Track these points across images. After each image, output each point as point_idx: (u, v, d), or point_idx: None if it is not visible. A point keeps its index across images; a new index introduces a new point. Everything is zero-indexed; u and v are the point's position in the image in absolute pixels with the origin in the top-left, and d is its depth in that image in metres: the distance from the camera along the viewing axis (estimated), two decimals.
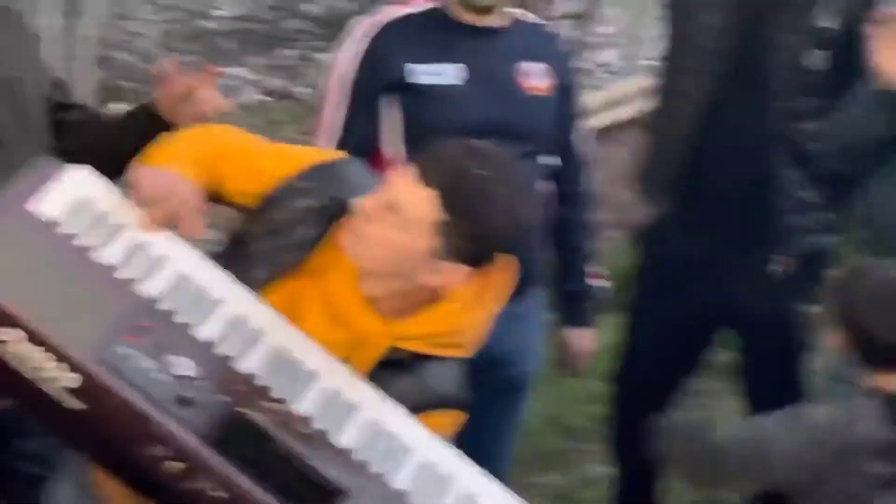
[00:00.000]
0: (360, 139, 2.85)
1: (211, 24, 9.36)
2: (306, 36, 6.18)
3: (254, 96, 7.62)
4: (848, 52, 3.01)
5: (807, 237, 3.13)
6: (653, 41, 8.20)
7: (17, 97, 2.65)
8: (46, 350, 1.86)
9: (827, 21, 3.00)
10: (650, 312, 3.27)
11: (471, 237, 2.01)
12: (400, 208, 2.00)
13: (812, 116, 3.05)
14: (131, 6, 9.55)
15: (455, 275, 2.02)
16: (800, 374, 3.23)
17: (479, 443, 2.45)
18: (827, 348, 2.81)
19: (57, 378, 1.87)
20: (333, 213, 2.12)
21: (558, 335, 3.08)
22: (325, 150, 2.47)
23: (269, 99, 7.30)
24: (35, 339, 1.85)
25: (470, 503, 2.06)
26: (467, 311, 2.10)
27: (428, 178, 2.00)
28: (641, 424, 3.27)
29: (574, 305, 3.10)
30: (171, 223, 2.08)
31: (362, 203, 2.05)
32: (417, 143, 2.66)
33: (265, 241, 2.14)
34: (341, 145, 2.80)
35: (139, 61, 8.80)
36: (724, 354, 3.52)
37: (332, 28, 5.17)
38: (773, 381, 3.24)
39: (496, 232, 2.03)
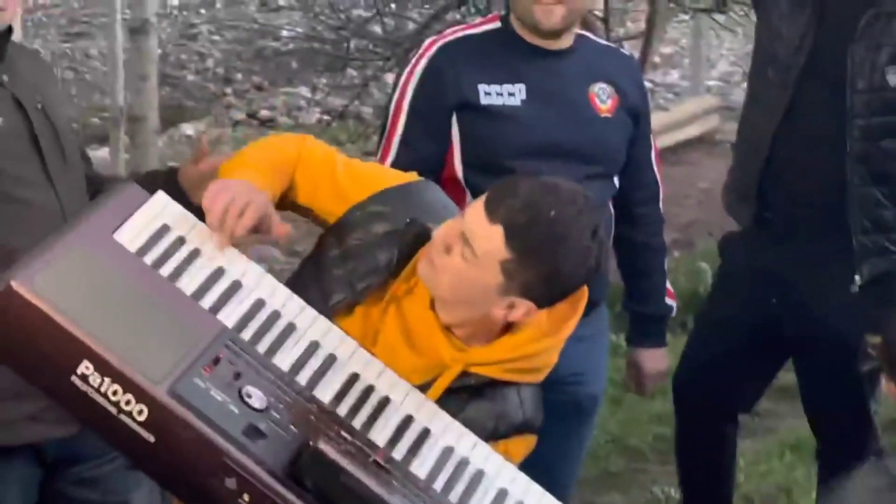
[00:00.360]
0: (425, 160, 2.80)
1: (274, 44, 9.48)
2: (370, 56, 6.19)
3: (315, 116, 7.71)
4: None
5: (882, 258, 3.10)
6: (714, 61, 8.15)
7: (55, 124, 2.64)
8: (117, 382, 1.85)
9: None
10: (720, 325, 3.24)
11: (540, 277, 1.99)
12: (471, 241, 1.98)
13: (892, 135, 3.03)
14: (196, 26, 9.70)
15: (524, 311, 2.00)
16: (863, 399, 3.15)
17: (546, 463, 2.41)
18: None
19: (128, 410, 1.87)
20: (410, 236, 2.11)
21: (628, 356, 3.07)
22: (402, 173, 2.44)
23: (329, 118, 7.29)
24: (107, 370, 1.85)
25: None
26: (541, 338, 2.08)
27: (500, 214, 1.98)
28: (706, 443, 3.31)
29: (647, 327, 3.07)
30: (248, 235, 2.07)
31: (438, 232, 2.04)
32: (482, 164, 2.68)
33: (343, 265, 2.12)
34: (407, 166, 2.71)
35: (203, 81, 8.89)
36: (786, 375, 3.43)
37: (395, 48, 5.23)
38: (835, 407, 3.18)
39: (565, 274, 2.01)
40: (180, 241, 2.01)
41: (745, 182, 3.11)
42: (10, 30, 2.51)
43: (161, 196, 2.08)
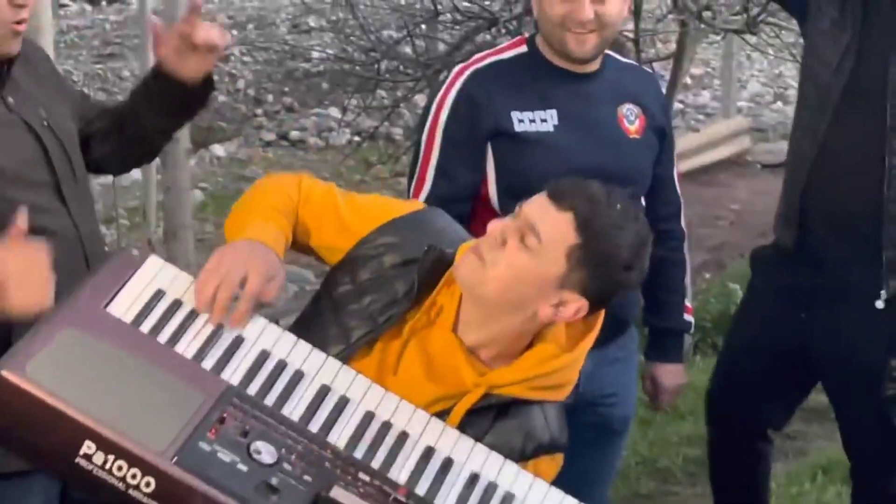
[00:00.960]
0: (463, 188, 2.84)
1: (305, 66, 9.51)
2: (400, 77, 6.17)
3: (346, 137, 7.74)
4: None
5: None
6: (745, 82, 8.15)
7: (62, 139, 2.62)
8: (121, 457, 1.84)
9: None
10: (752, 341, 3.21)
11: (600, 266, 1.98)
12: (538, 227, 1.98)
13: None
14: (227, 48, 9.73)
15: (575, 309, 1.99)
16: (891, 419, 3.12)
17: (577, 484, 2.32)
18: None
19: (135, 484, 1.85)
20: (429, 263, 2.10)
21: (646, 371, 3.07)
22: (405, 202, 2.44)
23: (360, 139, 7.31)
24: (110, 447, 1.85)
25: None
26: (560, 353, 2.07)
27: (569, 203, 1.98)
28: (739, 462, 3.30)
29: (664, 342, 3.06)
30: (250, 304, 2.03)
31: (494, 227, 2.01)
32: (517, 190, 2.56)
33: (359, 300, 2.11)
34: (445, 195, 2.79)
35: (234, 102, 8.95)
36: (818, 395, 3.41)
37: (426, 69, 5.22)
38: (865, 427, 3.12)
39: (623, 265, 2.00)
40: (177, 304, 2.01)
41: (789, 205, 3.07)
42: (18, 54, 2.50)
43: (154, 260, 2.07)
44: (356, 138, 7.50)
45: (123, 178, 4.77)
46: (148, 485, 1.79)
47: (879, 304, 2.99)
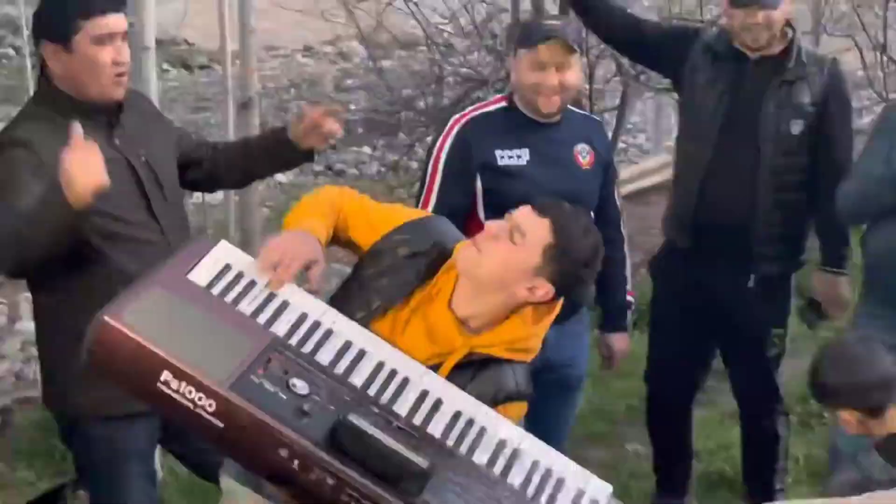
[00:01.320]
0: (452, 206, 2.81)
1: (345, 115, 9.42)
2: (416, 123, 6.19)
3: (375, 168, 7.60)
4: (819, 121, 2.96)
5: (771, 264, 3.06)
6: (671, 128, 8.10)
7: (156, 171, 2.55)
8: (191, 384, 1.81)
9: (804, 97, 2.97)
10: (666, 326, 3.22)
11: (567, 262, 1.99)
12: (523, 230, 1.98)
13: (792, 171, 2.99)
14: (287, 101, 9.63)
15: (544, 292, 1.99)
16: (771, 376, 3.14)
17: (546, 426, 2.45)
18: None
19: (201, 404, 1.83)
20: (434, 254, 2.08)
21: (600, 340, 3.07)
22: (417, 210, 2.48)
23: (385, 169, 7.23)
24: (182, 376, 1.82)
25: (543, 475, 1.97)
26: (530, 325, 2.06)
27: (548, 213, 1.99)
28: (669, 413, 3.30)
29: (614, 317, 3.07)
30: (289, 275, 2.00)
31: (491, 226, 2.03)
32: (499, 209, 2.54)
33: (379, 281, 2.08)
34: (440, 209, 2.78)
35: None
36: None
37: (435, 118, 5.15)
38: (750, 383, 3.16)
39: (583, 263, 2.02)
40: (240, 275, 1.98)
41: (682, 214, 3.07)
42: (120, 105, 2.42)
43: (224, 243, 2.06)
44: (382, 169, 7.40)
45: (211, 198, 4.74)
46: (210, 406, 1.78)
47: (751, 284, 3.00)
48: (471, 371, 2.04)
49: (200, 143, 2.82)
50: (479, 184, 2.79)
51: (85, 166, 1.92)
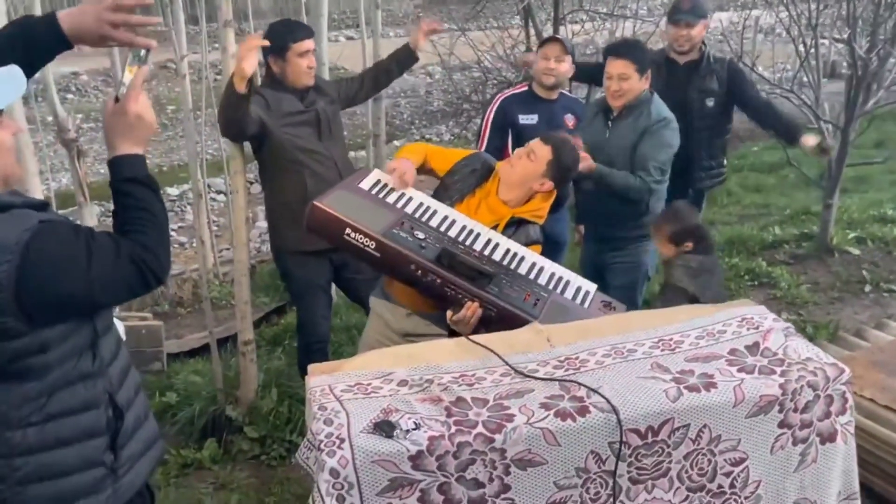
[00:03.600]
0: (496, 146, 3.26)
1: (428, 107, 10.71)
2: (470, 112, 7.44)
3: (447, 138, 8.84)
4: (728, 96, 3.54)
5: (707, 181, 3.63)
6: None
7: (327, 117, 3.08)
8: (361, 234, 2.16)
9: (714, 85, 3.51)
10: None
11: (560, 168, 2.38)
12: (535, 151, 2.34)
13: (708, 129, 3.52)
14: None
15: (549, 186, 2.38)
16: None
17: (556, 259, 2.72)
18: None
19: (366, 244, 2.20)
20: (486, 167, 2.48)
21: (575, 228, 3.60)
22: (470, 150, 2.71)
23: (453, 138, 8.31)
24: (357, 230, 2.17)
25: (557, 278, 2.38)
26: (540, 204, 2.45)
27: (550, 142, 2.38)
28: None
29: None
30: (407, 180, 2.39)
31: (516, 152, 2.41)
32: (519, 147, 2.82)
33: (454, 185, 2.46)
34: (488, 149, 3.19)
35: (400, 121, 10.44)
36: None
37: (483, 106, 5.74)
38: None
39: (570, 167, 2.43)
40: (385, 185, 2.41)
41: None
42: (313, 84, 3.02)
43: (377, 171, 2.45)
44: (452, 138, 9.00)
45: (354, 155, 5.26)
46: (372, 244, 2.18)
47: (690, 193, 3.52)
48: (513, 228, 2.41)
49: (352, 81, 3.30)
50: (510, 134, 3.32)
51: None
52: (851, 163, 5.01)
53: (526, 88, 3.41)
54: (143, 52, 1.54)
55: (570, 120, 3.37)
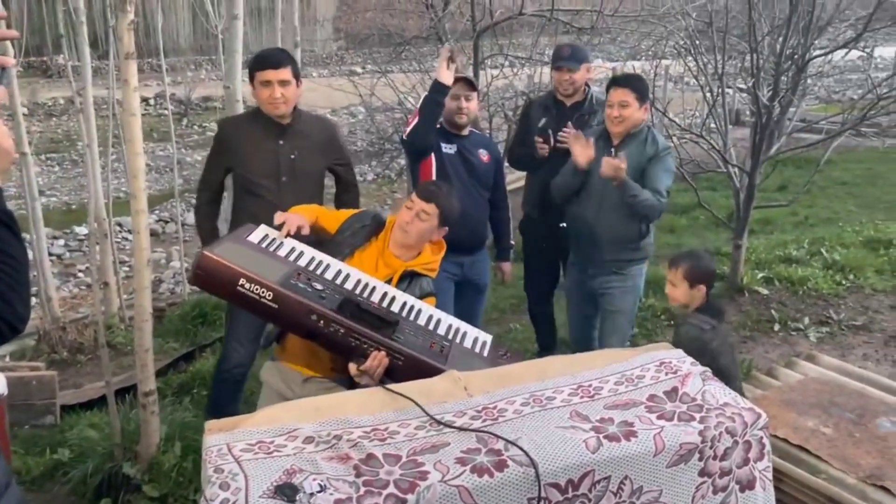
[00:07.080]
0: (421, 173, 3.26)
1: (351, 147, 10.07)
2: (392, 152, 7.24)
3: (371, 177, 8.60)
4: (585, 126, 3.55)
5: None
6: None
7: (296, 167, 3.02)
8: (256, 284, 2.14)
9: (594, 122, 3.55)
10: (531, 258, 3.90)
11: (445, 219, 2.54)
12: (427, 211, 2.48)
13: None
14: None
15: (440, 235, 2.53)
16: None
17: (467, 315, 2.93)
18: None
19: (263, 295, 2.14)
20: (377, 222, 2.56)
21: (496, 266, 3.66)
22: (353, 210, 2.81)
23: (376, 177, 8.13)
24: (251, 280, 2.15)
25: (455, 328, 2.43)
26: (431, 256, 2.56)
27: (431, 199, 2.50)
28: (542, 308, 3.98)
29: (504, 252, 3.60)
30: (297, 231, 2.45)
31: (402, 215, 2.48)
32: (441, 172, 3.28)
33: (346, 241, 2.52)
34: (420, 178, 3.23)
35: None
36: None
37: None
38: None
39: (454, 215, 2.56)
40: (275, 239, 2.43)
41: (532, 196, 3.72)
42: (291, 119, 2.99)
43: (263, 226, 2.49)
44: (375, 177, 8.83)
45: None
46: (269, 296, 2.15)
47: (563, 225, 3.51)
48: (406, 281, 2.47)
49: (346, 183, 3.25)
50: (433, 160, 3.33)
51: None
52: (758, 205, 5.17)
53: (439, 126, 3.43)
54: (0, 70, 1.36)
55: (483, 155, 3.43)
